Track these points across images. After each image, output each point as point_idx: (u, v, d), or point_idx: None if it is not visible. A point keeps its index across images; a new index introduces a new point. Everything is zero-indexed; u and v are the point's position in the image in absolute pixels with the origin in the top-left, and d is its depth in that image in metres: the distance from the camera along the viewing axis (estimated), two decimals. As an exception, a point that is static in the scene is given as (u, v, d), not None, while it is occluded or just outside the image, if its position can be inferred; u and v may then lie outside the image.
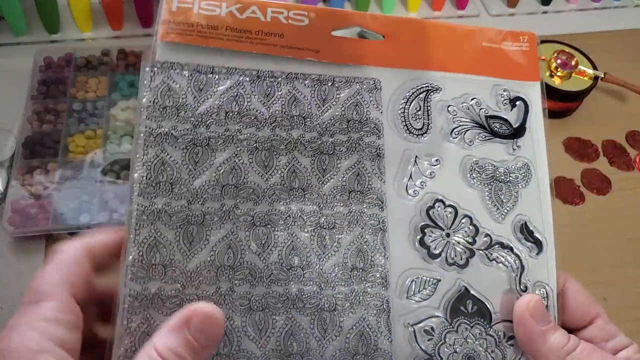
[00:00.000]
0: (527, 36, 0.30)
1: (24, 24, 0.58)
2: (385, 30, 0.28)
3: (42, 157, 0.47)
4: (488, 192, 0.28)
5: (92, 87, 0.52)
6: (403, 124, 0.27)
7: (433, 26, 0.29)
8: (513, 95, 0.29)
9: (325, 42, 0.27)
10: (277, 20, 0.26)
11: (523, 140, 0.29)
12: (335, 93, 0.27)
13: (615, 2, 0.74)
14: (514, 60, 0.29)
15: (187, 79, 0.25)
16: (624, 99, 0.63)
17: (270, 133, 0.26)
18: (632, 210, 0.53)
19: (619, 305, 0.47)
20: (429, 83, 0.28)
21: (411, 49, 0.28)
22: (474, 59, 0.29)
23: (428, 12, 0.68)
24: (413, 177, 0.27)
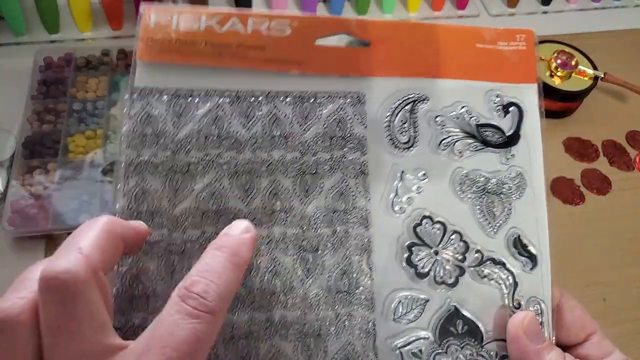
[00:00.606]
0: (524, 34, 0.28)
1: (23, 24, 0.58)
2: (371, 36, 0.27)
3: (42, 157, 0.47)
4: (479, 206, 0.27)
5: (92, 87, 0.52)
6: (389, 138, 0.26)
7: (423, 28, 0.27)
8: (506, 100, 0.28)
9: (309, 52, 0.26)
10: (258, 32, 0.25)
11: (517, 148, 0.27)
12: (317, 110, 0.26)
13: (615, 2, 0.74)
14: (510, 61, 0.28)
15: (166, 104, 0.25)
16: (624, 99, 0.63)
17: (250, 155, 0.25)
18: (632, 210, 0.53)
19: (619, 305, 0.47)
20: (416, 93, 0.27)
21: (399, 55, 0.27)
22: (466, 62, 0.27)
23: (428, 12, 0.68)
24: (399, 193, 0.26)
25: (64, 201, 0.45)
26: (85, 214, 0.44)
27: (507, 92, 0.28)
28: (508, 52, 0.28)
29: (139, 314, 0.23)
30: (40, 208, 0.44)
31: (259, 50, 0.25)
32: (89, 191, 0.45)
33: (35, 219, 0.44)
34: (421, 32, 0.27)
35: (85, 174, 0.46)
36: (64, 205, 0.44)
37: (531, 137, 0.28)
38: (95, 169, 0.47)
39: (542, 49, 0.60)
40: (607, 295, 0.47)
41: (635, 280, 0.49)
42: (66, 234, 0.45)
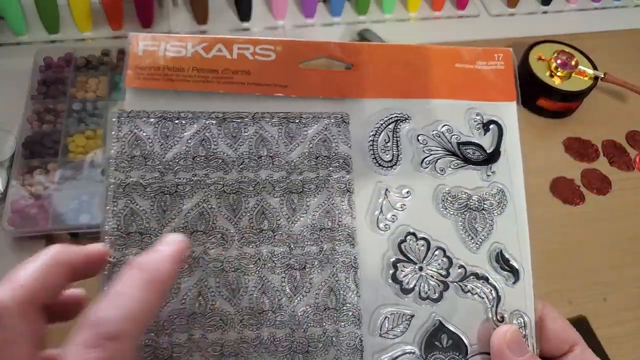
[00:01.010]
0: (502, 54, 0.29)
1: (23, 24, 0.58)
2: (353, 59, 0.27)
3: (42, 157, 0.47)
4: (462, 222, 0.27)
5: (92, 87, 0.52)
6: (372, 156, 0.27)
7: (403, 50, 0.28)
8: (487, 119, 0.28)
9: (293, 75, 0.27)
10: (243, 57, 0.26)
11: (498, 165, 0.28)
12: (303, 130, 0.27)
13: (615, 2, 0.74)
14: (489, 80, 0.29)
15: (154, 126, 0.25)
16: (624, 99, 0.63)
17: (237, 175, 0.26)
18: (632, 210, 0.53)
19: (619, 305, 0.47)
20: (398, 112, 0.28)
21: (380, 76, 0.28)
22: (446, 82, 0.28)
23: (428, 12, 0.68)
24: (384, 211, 0.27)
25: (64, 201, 0.45)
26: (85, 214, 0.44)
27: (487, 110, 0.28)
28: (487, 72, 0.29)
29: None
30: (40, 208, 0.44)
31: (245, 74, 0.26)
32: (89, 191, 0.45)
33: (35, 219, 0.44)
34: (401, 54, 0.28)
35: (85, 174, 0.46)
36: (64, 205, 0.44)
37: (511, 154, 0.29)
38: (95, 169, 0.47)
39: (542, 49, 0.60)
40: (607, 295, 0.47)
41: (635, 280, 0.49)
42: (66, 234, 0.45)
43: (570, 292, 0.47)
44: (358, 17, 0.66)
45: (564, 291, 0.47)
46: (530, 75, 0.58)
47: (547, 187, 0.54)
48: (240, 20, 0.64)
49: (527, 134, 0.65)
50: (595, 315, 0.46)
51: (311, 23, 0.65)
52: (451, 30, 0.67)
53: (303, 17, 0.65)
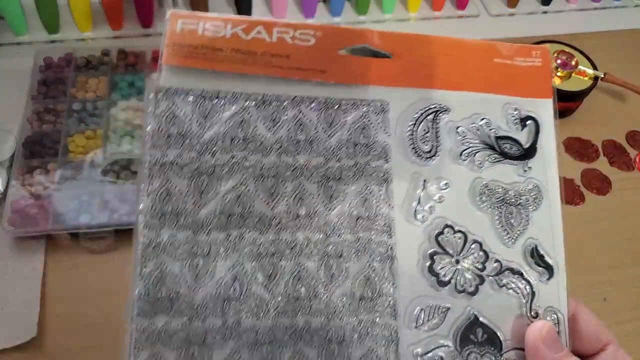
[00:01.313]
0: (540, 51, 0.29)
1: (23, 24, 0.58)
2: (392, 48, 0.27)
3: (42, 157, 0.47)
4: (498, 216, 0.27)
5: (92, 87, 0.52)
6: (411, 146, 0.27)
7: (443, 42, 0.28)
8: (524, 114, 0.28)
9: (332, 62, 0.26)
10: (283, 40, 0.26)
11: (534, 161, 0.28)
12: (342, 116, 0.26)
13: (615, 2, 0.74)
14: (526, 76, 0.28)
15: (192, 105, 0.25)
16: (624, 99, 0.63)
17: (276, 159, 0.25)
18: (632, 210, 0.53)
19: (619, 305, 0.47)
20: (438, 103, 0.27)
21: (419, 67, 0.27)
22: (484, 76, 0.28)
23: (428, 12, 0.68)
24: (422, 202, 0.26)
25: (64, 201, 0.45)
26: (85, 214, 0.44)
27: (524, 106, 0.28)
28: (524, 68, 0.29)
29: (161, 316, 0.23)
30: (40, 208, 0.44)
31: (284, 58, 0.26)
32: (89, 191, 0.45)
33: (35, 219, 0.44)
34: (441, 46, 0.28)
35: (85, 174, 0.46)
36: (64, 205, 0.44)
37: (547, 150, 0.28)
38: (95, 169, 0.47)
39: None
40: (607, 295, 0.47)
41: (635, 280, 0.49)
42: (66, 234, 0.45)
43: (570, 292, 0.47)
44: (358, 17, 0.66)
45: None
46: (530, 75, 0.58)
47: (547, 187, 0.54)
48: (240, 20, 0.64)
49: (527, 134, 0.64)
50: (596, 315, 0.46)
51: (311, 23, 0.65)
52: (451, 31, 0.67)
53: (303, 16, 0.65)
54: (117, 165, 0.47)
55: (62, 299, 0.42)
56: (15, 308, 0.41)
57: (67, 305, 0.42)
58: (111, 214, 0.44)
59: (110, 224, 0.44)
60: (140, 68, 0.54)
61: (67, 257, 0.44)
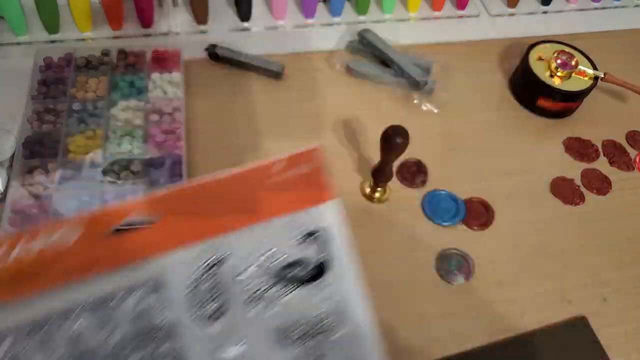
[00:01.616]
0: (310, 153, 0.27)
1: (23, 24, 0.58)
2: (159, 210, 0.25)
3: (42, 157, 0.47)
4: (304, 351, 0.25)
5: (92, 87, 0.52)
6: (198, 312, 0.25)
7: (208, 188, 0.26)
8: (308, 229, 0.27)
9: (100, 249, 0.25)
10: (43, 252, 0.24)
11: (329, 275, 0.27)
12: (117, 311, 0.24)
13: (615, 2, 0.74)
14: (304, 186, 0.27)
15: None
16: (624, 99, 0.63)
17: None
18: (632, 211, 0.53)
19: (619, 305, 0.47)
20: (214, 255, 0.26)
21: (191, 221, 0.26)
22: (262, 203, 0.26)
23: (428, 12, 0.68)
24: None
25: (64, 201, 0.45)
26: (85, 214, 0.44)
27: (307, 219, 0.27)
28: (301, 177, 0.27)
29: None
30: (40, 208, 0.44)
31: (51, 265, 0.24)
32: (89, 191, 0.45)
33: (35, 219, 0.44)
34: (207, 191, 0.26)
35: (85, 174, 0.46)
36: (64, 205, 0.45)
37: (339, 257, 0.27)
38: (95, 168, 0.47)
39: (542, 49, 0.60)
40: (607, 295, 0.47)
41: (635, 280, 0.49)
42: (66, 234, 0.45)
43: (570, 292, 0.47)
44: (358, 17, 0.66)
45: (563, 291, 0.47)
46: (530, 76, 0.58)
47: (547, 187, 0.54)
48: (240, 20, 0.64)
49: (527, 134, 0.66)
50: (595, 315, 0.46)
51: (311, 23, 0.65)
52: (451, 31, 0.67)
53: (303, 17, 0.65)
54: (117, 165, 0.47)
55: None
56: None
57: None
58: (111, 214, 0.44)
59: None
60: (140, 68, 0.54)
61: (67, 257, 0.44)
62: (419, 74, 0.58)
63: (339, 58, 0.61)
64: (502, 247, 0.49)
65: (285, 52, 0.61)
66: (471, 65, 0.63)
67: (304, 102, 0.57)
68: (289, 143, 0.54)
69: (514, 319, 0.45)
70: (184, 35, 0.62)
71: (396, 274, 0.46)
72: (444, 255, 0.48)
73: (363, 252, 0.47)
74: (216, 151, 0.52)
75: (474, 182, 0.53)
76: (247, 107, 0.56)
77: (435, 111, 0.58)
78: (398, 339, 0.43)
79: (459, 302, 0.46)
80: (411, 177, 0.53)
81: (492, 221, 0.51)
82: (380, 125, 0.45)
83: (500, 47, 0.66)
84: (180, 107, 0.52)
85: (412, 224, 0.50)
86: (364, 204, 0.50)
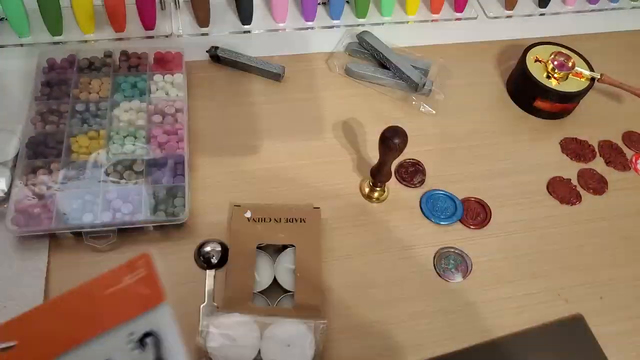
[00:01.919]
0: (142, 259, 0.29)
1: (27, 26, 0.58)
2: (13, 336, 0.26)
3: (46, 157, 0.48)
4: None
5: (95, 88, 0.52)
6: None
7: (49, 308, 0.28)
8: (142, 334, 0.28)
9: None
10: None
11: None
12: None
13: (611, 4, 0.75)
14: (137, 292, 0.29)
15: None
16: (620, 100, 0.63)
17: None
18: (628, 210, 0.54)
19: (615, 304, 0.47)
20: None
21: (43, 341, 0.27)
22: (102, 316, 0.28)
23: (426, 14, 0.69)
24: None
25: (67, 201, 0.45)
26: (88, 213, 0.45)
27: (141, 324, 0.28)
28: (135, 283, 0.29)
29: None
30: (43, 208, 0.45)
31: None
32: (92, 191, 0.46)
33: (38, 218, 0.44)
34: (48, 311, 0.27)
35: (88, 174, 0.47)
36: (67, 205, 0.45)
37: (174, 354, 0.28)
38: (98, 169, 0.47)
39: (539, 51, 0.61)
40: (604, 294, 0.48)
41: (631, 279, 0.49)
42: (69, 233, 0.45)
43: (567, 291, 0.48)
44: (357, 20, 0.67)
45: (560, 290, 0.48)
46: (528, 77, 0.58)
47: (544, 187, 0.55)
48: (241, 23, 0.65)
49: (524, 135, 0.66)
50: (592, 314, 0.47)
51: (311, 26, 0.66)
52: (449, 33, 0.68)
53: (303, 19, 0.66)
54: (120, 165, 0.48)
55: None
56: (19, 306, 0.42)
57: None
58: (114, 213, 0.45)
59: (113, 223, 0.44)
60: (143, 69, 0.55)
61: (70, 256, 0.45)
62: (418, 75, 0.59)
63: (338, 60, 0.62)
64: (500, 246, 0.50)
65: (285, 54, 0.62)
66: (469, 67, 0.64)
67: (304, 103, 0.58)
68: (289, 143, 0.54)
69: (511, 317, 0.46)
70: (186, 37, 0.62)
71: (394, 272, 0.47)
72: (441, 254, 0.48)
73: (362, 251, 0.48)
74: (217, 151, 0.53)
75: (472, 182, 0.54)
76: (248, 108, 0.57)
77: (433, 112, 0.59)
78: (397, 336, 0.44)
79: (457, 300, 0.46)
80: (409, 177, 0.53)
81: (490, 220, 0.51)
82: (378, 126, 0.46)
83: (498, 49, 0.67)
84: (182, 108, 0.52)
85: (411, 224, 0.50)
86: (363, 203, 0.51)
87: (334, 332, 0.43)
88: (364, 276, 0.47)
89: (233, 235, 0.46)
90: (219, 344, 0.39)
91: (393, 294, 0.46)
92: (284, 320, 0.41)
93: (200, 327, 0.40)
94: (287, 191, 0.51)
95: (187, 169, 0.48)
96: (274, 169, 0.52)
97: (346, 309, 0.45)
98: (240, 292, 0.43)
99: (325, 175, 0.52)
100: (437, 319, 0.45)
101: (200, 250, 0.46)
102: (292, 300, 0.43)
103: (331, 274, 0.46)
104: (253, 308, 0.43)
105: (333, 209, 0.50)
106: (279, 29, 0.65)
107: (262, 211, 0.48)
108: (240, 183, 0.51)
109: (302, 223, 0.47)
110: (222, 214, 0.49)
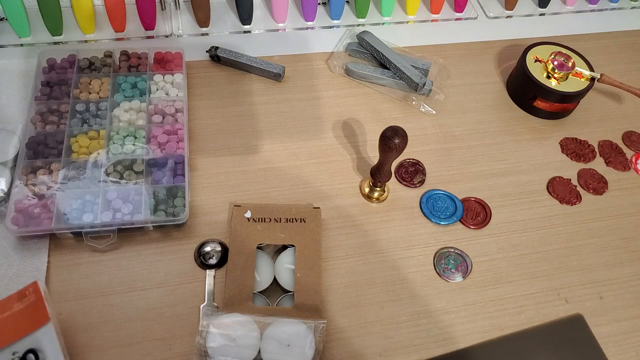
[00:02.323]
0: (31, 288, 0.33)
1: (27, 27, 0.59)
2: None
3: (46, 157, 0.48)
4: None
5: (95, 88, 0.52)
6: None
7: None
8: (24, 351, 0.31)
9: None
10: None
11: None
12: None
13: (611, 4, 0.75)
14: (27, 315, 0.32)
15: None
16: (620, 100, 0.63)
17: None
18: (628, 210, 0.54)
19: (615, 304, 0.47)
20: None
21: None
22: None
23: (426, 14, 0.69)
24: None
25: (67, 201, 0.45)
26: (88, 213, 0.45)
27: (24, 343, 0.32)
28: (26, 308, 0.33)
29: None
30: (43, 208, 0.45)
31: None
32: (92, 191, 0.46)
33: (38, 218, 0.44)
34: None
35: (88, 174, 0.47)
36: (67, 204, 0.45)
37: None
38: (98, 169, 0.47)
39: (539, 51, 0.61)
40: (603, 293, 0.48)
41: (631, 279, 0.49)
42: (69, 233, 0.45)
43: (566, 291, 0.48)
44: (357, 20, 0.67)
45: (560, 289, 0.48)
46: (528, 77, 0.59)
47: (544, 186, 0.55)
48: (241, 23, 0.65)
49: (524, 135, 0.66)
50: (592, 314, 0.47)
51: (311, 26, 0.66)
52: (449, 33, 0.68)
53: (303, 20, 0.66)
54: (120, 165, 0.48)
55: (65, 297, 0.43)
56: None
57: (70, 303, 0.43)
58: (114, 213, 0.45)
59: (113, 223, 0.45)
60: (143, 69, 0.55)
61: (70, 256, 0.45)
62: (418, 75, 0.59)
63: (338, 60, 0.62)
64: (500, 246, 0.50)
65: (285, 54, 0.62)
66: (469, 67, 0.64)
67: (304, 103, 0.58)
68: (289, 143, 0.54)
69: (511, 317, 0.46)
70: (186, 37, 0.62)
71: (394, 272, 0.47)
72: (441, 254, 0.48)
73: (362, 251, 0.48)
74: (217, 151, 0.53)
75: (472, 181, 0.54)
76: (248, 108, 0.57)
77: (433, 112, 0.59)
78: (397, 336, 0.44)
79: (457, 300, 0.46)
80: (409, 177, 0.53)
81: (490, 220, 0.51)
82: (379, 126, 0.46)
83: (498, 49, 0.67)
84: (182, 108, 0.52)
85: (411, 223, 0.50)
86: (363, 203, 0.51)
87: (334, 332, 0.43)
88: (363, 276, 0.47)
89: (233, 235, 0.46)
90: (219, 344, 0.39)
91: (393, 294, 0.46)
92: (283, 320, 0.41)
93: (200, 327, 0.40)
94: (287, 191, 0.51)
95: (187, 169, 0.48)
96: (274, 169, 0.52)
97: (346, 309, 0.45)
98: (240, 292, 0.43)
99: (325, 175, 0.52)
100: (437, 319, 0.45)
101: (200, 250, 0.46)
102: (292, 300, 0.44)
103: (331, 273, 0.46)
104: (253, 308, 0.43)
105: (333, 209, 0.50)
106: (279, 29, 0.65)
107: (262, 211, 0.48)
108: (240, 183, 0.51)
109: (302, 223, 0.47)
110: (222, 214, 0.49)
